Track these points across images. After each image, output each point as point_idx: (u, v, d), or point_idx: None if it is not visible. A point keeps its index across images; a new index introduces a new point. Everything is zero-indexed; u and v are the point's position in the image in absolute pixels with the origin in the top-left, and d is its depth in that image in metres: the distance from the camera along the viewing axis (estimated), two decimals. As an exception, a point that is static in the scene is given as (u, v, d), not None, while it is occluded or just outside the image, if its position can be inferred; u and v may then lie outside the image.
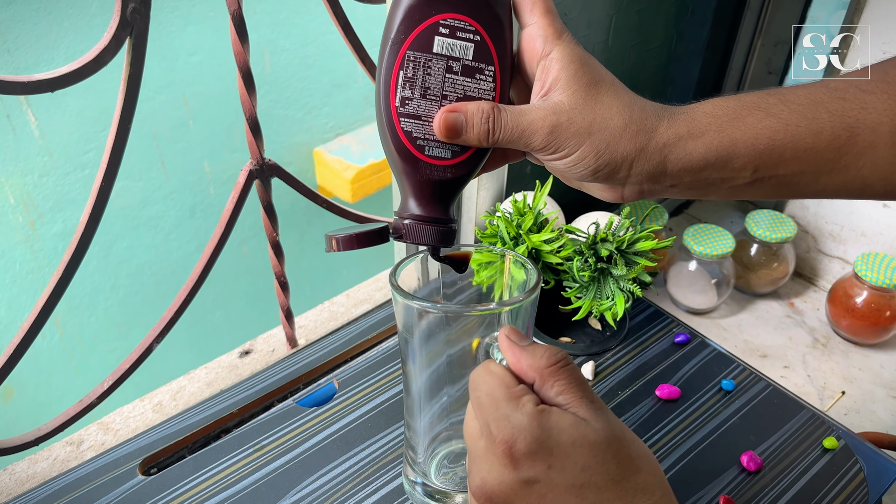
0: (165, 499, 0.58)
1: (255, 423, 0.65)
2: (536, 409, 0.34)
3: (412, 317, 0.46)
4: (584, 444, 0.33)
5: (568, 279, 0.72)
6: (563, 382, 0.35)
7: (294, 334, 0.85)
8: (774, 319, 0.97)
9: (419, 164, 0.42)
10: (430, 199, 0.43)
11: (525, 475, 0.33)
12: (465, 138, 0.41)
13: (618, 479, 0.33)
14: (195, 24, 1.60)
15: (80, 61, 0.55)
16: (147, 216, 1.78)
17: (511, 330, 0.39)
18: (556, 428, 0.33)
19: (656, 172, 0.40)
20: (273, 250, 0.77)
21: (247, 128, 0.68)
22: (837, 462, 0.62)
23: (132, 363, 0.71)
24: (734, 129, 0.39)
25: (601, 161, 0.40)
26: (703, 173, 0.40)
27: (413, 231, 0.43)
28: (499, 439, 0.34)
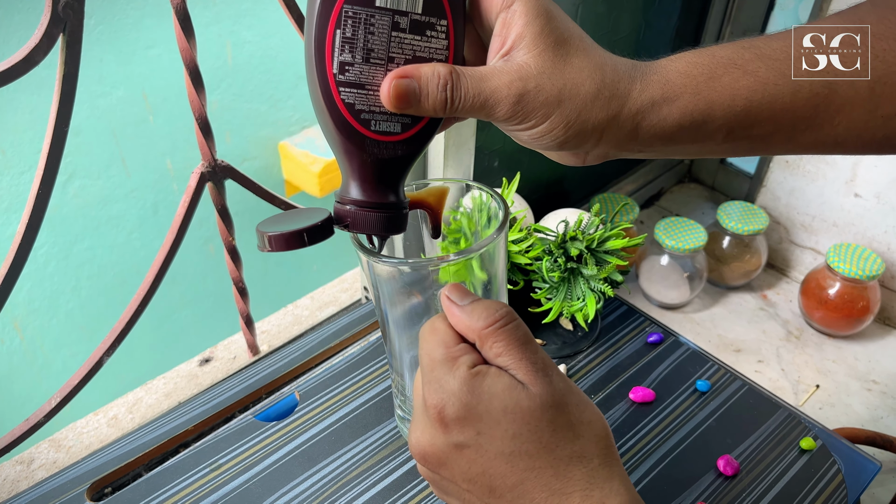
0: (116, 525, 0.55)
1: (211, 439, 0.62)
2: (470, 372, 0.33)
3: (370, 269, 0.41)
4: (517, 410, 0.32)
5: (538, 280, 0.70)
6: (501, 344, 0.34)
7: (255, 341, 0.82)
8: (748, 312, 0.95)
9: (365, 142, 0.36)
10: (379, 182, 0.37)
11: (455, 440, 0.33)
12: (420, 108, 0.35)
13: (551, 446, 0.32)
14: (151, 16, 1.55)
15: (9, 62, 0.51)
16: (108, 215, 1.73)
17: (452, 288, 0.36)
18: (488, 393, 0.33)
19: (626, 139, 0.37)
20: (230, 255, 0.73)
21: (196, 128, 0.65)
22: (815, 463, 0.61)
23: (81, 378, 0.67)
24: (710, 91, 0.36)
25: (570, 132, 0.36)
26: (675, 137, 0.37)
27: (360, 219, 0.37)
28: (430, 403, 0.33)
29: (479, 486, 0.33)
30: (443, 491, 0.36)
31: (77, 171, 1.64)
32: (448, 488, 0.35)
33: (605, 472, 0.33)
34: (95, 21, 1.55)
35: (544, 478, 0.32)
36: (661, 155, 0.40)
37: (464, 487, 0.34)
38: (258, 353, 0.83)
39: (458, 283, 0.36)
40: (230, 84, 1.83)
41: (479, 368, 0.33)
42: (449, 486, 0.35)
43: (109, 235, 1.73)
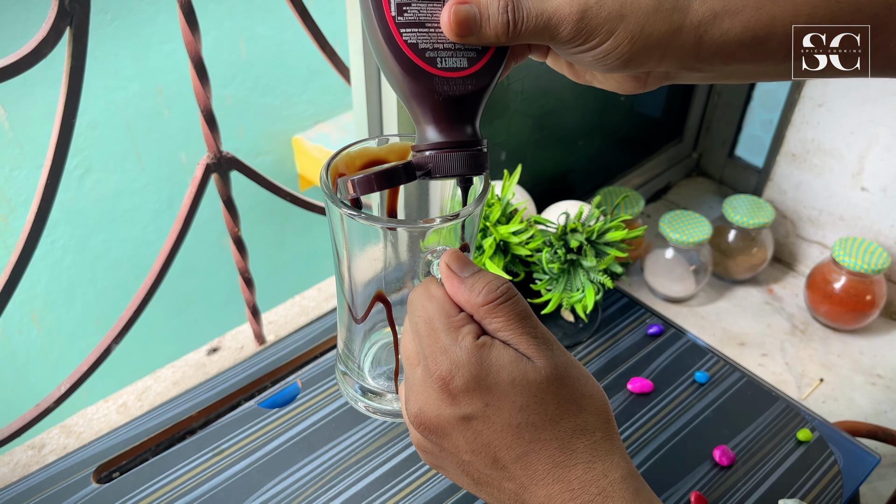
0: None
1: (215, 425, 0.63)
2: (476, 343, 0.33)
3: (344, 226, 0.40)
4: (523, 383, 0.32)
5: (538, 271, 0.70)
6: (501, 320, 0.34)
7: (262, 331, 0.83)
8: (753, 306, 0.95)
9: (434, 81, 0.35)
10: (454, 121, 0.36)
11: (463, 411, 0.33)
12: (482, 35, 0.34)
13: (556, 419, 0.33)
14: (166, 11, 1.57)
15: (18, 54, 0.52)
16: (123, 209, 1.75)
17: (452, 256, 0.36)
18: (496, 365, 0.33)
19: (689, 56, 0.35)
20: (236, 246, 0.75)
21: (202, 120, 0.66)
22: (811, 454, 0.61)
23: (90, 365, 0.69)
24: (773, 4, 0.35)
25: (636, 47, 0.34)
26: (736, 55, 0.36)
27: (441, 162, 0.36)
28: (436, 374, 0.33)
29: (482, 458, 0.33)
30: (437, 462, 0.36)
31: (93, 165, 1.66)
32: (446, 460, 0.35)
33: (607, 446, 0.33)
34: (111, 17, 1.57)
35: (549, 450, 0.32)
36: (719, 76, 0.38)
37: (465, 459, 0.34)
38: (265, 342, 0.84)
39: (459, 252, 0.36)
40: (244, 79, 1.85)
41: (484, 339, 0.33)
42: (447, 459, 0.35)
43: (124, 228, 1.76)
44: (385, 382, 0.46)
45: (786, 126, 0.96)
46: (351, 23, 0.69)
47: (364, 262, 0.40)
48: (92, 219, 1.71)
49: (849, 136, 0.90)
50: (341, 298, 0.44)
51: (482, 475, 0.34)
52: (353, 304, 0.43)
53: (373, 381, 0.46)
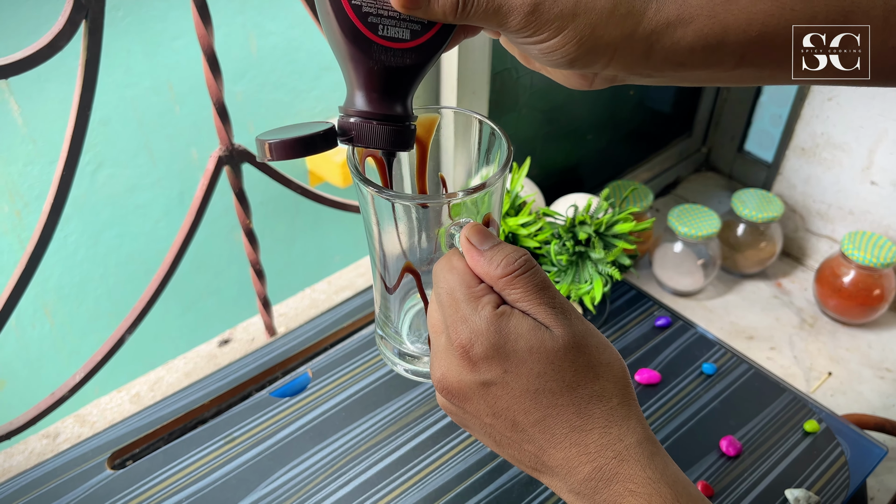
0: (134, 493, 0.57)
1: (227, 414, 0.64)
2: (495, 312, 0.34)
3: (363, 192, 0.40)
4: (541, 350, 0.33)
5: (546, 263, 0.71)
6: (519, 291, 0.35)
7: (272, 322, 0.84)
8: (761, 300, 0.96)
9: (372, 48, 0.34)
10: (385, 92, 0.35)
11: (482, 377, 0.34)
12: (429, 10, 0.34)
13: (573, 385, 0.34)
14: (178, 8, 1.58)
15: (34, 47, 0.53)
16: (135, 204, 1.77)
17: (473, 230, 0.36)
18: (514, 333, 0.34)
19: (638, 62, 0.35)
20: (247, 238, 0.75)
21: (214, 113, 0.67)
22: (818, 445, 0.61)
23: (104, 355, 0.70)
24: (727, 14, 0.35)
25: (583, 48, 0.34)
26: (687, 62, 0.36)
27: (365, 132, 0.35)
28: (456, 342, 0.34)
29: (502, 421, 0.34)
30: (464, 423, 0.37)
31: (105, 161, 1.68)
32: (469, 421, 0.37)
33: (623, 411, 0.34)
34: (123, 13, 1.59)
35: (566, 415, 0.33)
36: (668, 81, 0.38)
37: (487, 422, 0.35)
38: (275, 334, 0.85)
39: (479, 226, 0.36)
40: (254, 75, 1.86)
41: (503, 308, 0.34)
42: (471, 420, 0.36)
43: (137, 223, 1.77)
44: (422, 346, 0.47)
45: (795, 120, 0.96)
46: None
47: (393, 235, 0.40)
48: (104, 214, 1.73)
49: (858, 130, 0.90)
50: (375, 270, 0.45)
51: (503, 437, 0.35)
52: (385, 275, 0.43)
53: (411, 345, 0.47)
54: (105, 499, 0.57)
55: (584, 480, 0.33)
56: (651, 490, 0.32)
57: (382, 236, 0.41)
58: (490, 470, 0.58)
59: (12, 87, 1.57)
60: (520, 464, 0.36)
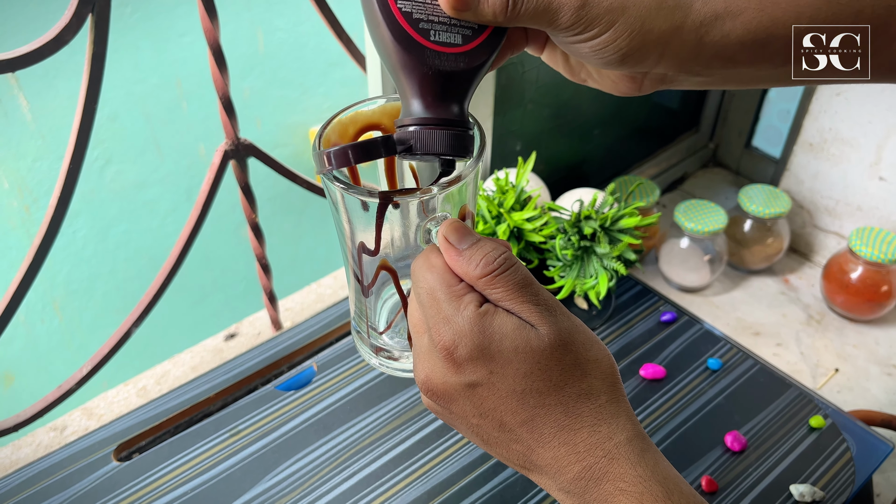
0: (140, 484, 0.57)
1: (233, 407, 0.64)
2: (478, 312, 0.33)
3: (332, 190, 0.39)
4: (527, 350, 0.33)
5: (551, 258, 0.71)
6: (500, 290, 0.34)
7: (278, 317, 0.84)
8: (768, 296, 0.95)
9: (425, 53, 0.34)
10: (441, 98, 0.35)
11: (467, 379, 0.33)
12: (479, 12, 0.34)
13: (560, 384, 0.33)
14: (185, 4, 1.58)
15: (40, 41, 0.54)
16: (143, 200, 1.77)
17: (450, 228, 0.35)
18: (499, 333, 0.33)
19: (688, 58, 0.35)
20: (253, 232, 0.76)
21: (220, 107, 0.67)
22: (823, 441, 0.61)
23: (111, 349, 0.70)
24: (774, 7, 0.34)
25: (635, 42, 0.34)
26: (736, 58, 0.35)
27: (424, 138, 0.34)
28: (440, 344, 0.33)
29: (489, 421, 0.34)
30: (450, 422, 0.37)
31: (113, 157, 1.68)
32: (456, 421, 0.36)
33: (612, 409, 0.34)
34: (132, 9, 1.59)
35: (554, 414, 0.33)
36: (717, 81, 0.38)
37: (473, 422, 0.35)
38: (281, 328, 0.85)
39: (457, 223, 0.35)
40: (261, 71, 1.86)
41: (486, 307, 0.33)
42: (457, 420, 0.36)
43: (144, 219, 1.78)
44: (399, 340, 0.46)
45: (803, 115, 0.96)
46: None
47: (366, 234, 0.39)
48: (112, 210, 1.74)
49: (867, 126, 0.90)
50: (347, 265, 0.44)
51: (490, 437, 0.35)
52: (359, 273, 0.42)
53: (387, 339, 0.46)
54: (111, 490, 0.57)
55: (573, 479, 0.33)
56: (642, 488, 0.32)
57: (354, 234, 0.40)
58: (495, 463, 0.58)
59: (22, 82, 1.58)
60: (509, 462, 0.36)
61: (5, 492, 0.58)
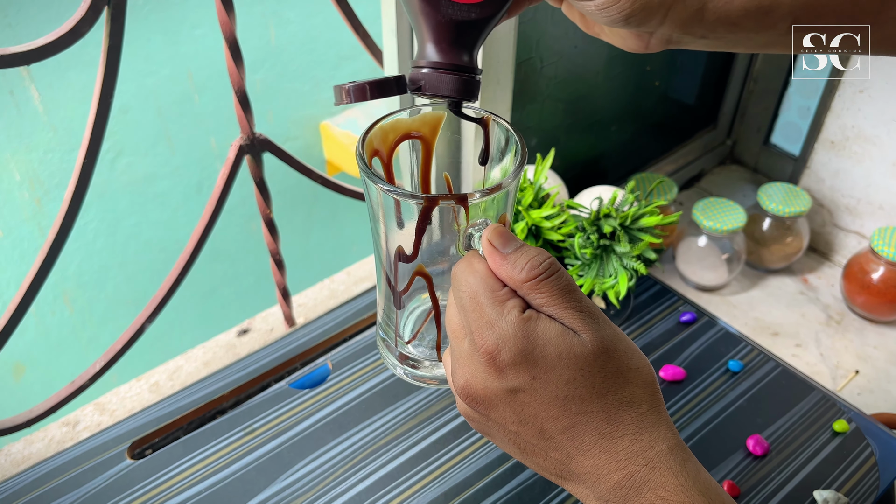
0: (153, 483, 0.57)
1: (247, 405, 0.63)
2: (521, 317, 0.33)
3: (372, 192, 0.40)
4: (570, 356, 0.33)
5: (569, 256, 0.70)
6: (544, 295, 0.34)
7: (292, 313, 0.84)
8: (787, 296, 0.94)
9: (440, 3, 0.37)
10: (452, 45, 0.38)
11: (509, 384, 0.33)
12: None
13: (602, 391, 0.33)
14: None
15: (56, 33, 0.53)
16: (154, 192, 1.77)
17: (495, 232, 0.35)
18: (542, 339, 0.33)
19: (692, 19, 0.35)
20: (267, 228, 0.75)
21: (235, 101, 0.66)
22: (847, 445, 0.60)
23: (124, 344, 0.70)
24: None
25: (637, 5, 0.34)
26: (740, 23, 0.35)
27: (433, 80, 0.37)
28: (482, 348, 0.33)
29: (529, 428, 0.34)
30: (486, 430, 0.37)
31: (125, 149, 1.68)
32: (493, 429, 0.36)
33: (654, 418, 0.33)
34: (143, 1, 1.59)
35: (596, 422, 0.33)
36: (723, 44, 0.38)
37: (512, 429, 0.34)
38: (294, 324, 0.85)
39: (501, 228, 0.36)
40: (273, 64, 1.85)
41: (529, 313, 0.33)
42: (494, 427, 0.35)
43: (155, 212, 1.78)
44: (424, 350, 0.46)
45: (824, 113, 0.94)
46: (384, 4, 0.68)
47: (402, 237, 0.40)
48: (123, 202, 1.73)
49: (890, 123, 0.88)
50: (380, 270, 0.44)
51: (528, 445, 0.34)
52: (393, 278, 0.43)
53: (412, 348, 0.46)
54: (125, 489, 0.57)
55: (613, 488, 0.32)
56: (684, 497, 0.32)
57: (389, 237, 0.41)
58: (513, 465, 0.57)
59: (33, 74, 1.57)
60: (544, 471, 0.35)
61: (19, 489, 0.57)
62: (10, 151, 1.59)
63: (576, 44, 0.82)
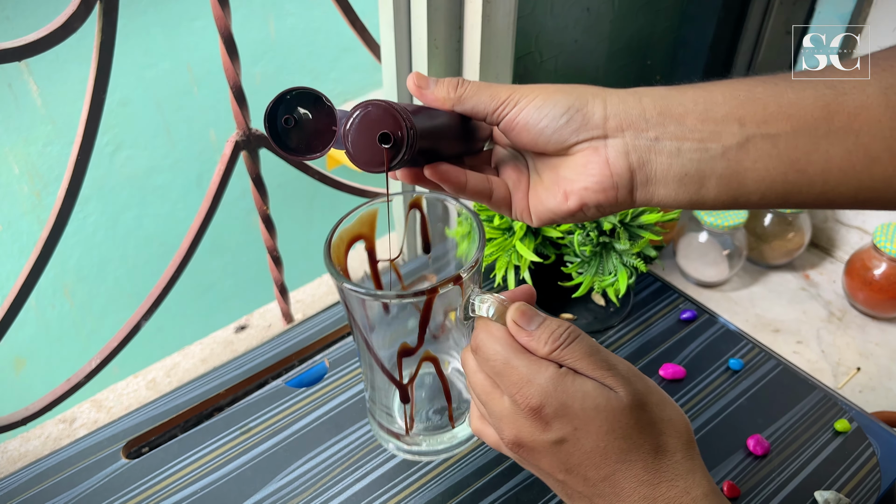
0: (149, 483, 0.56)
1: (243, 403, 0.63)
2: (559, 372, 0.36)
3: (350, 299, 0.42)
4: (607, 409, 0.35)
5: (569, 254, 0.69)
6: (570, 360, 0.36)
7: (289, 309, 0.83)
8: (788, 292, 0.93)
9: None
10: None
11: (555, 436, 0.35)
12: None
13: (640, 442, 0.35)
14: (196, -12, 1.57)
15: (47, 28, 0.52)
16: (154, 185, 1.76)
17: (517, 312, 0.38)
18: (580, 392, 0.35)
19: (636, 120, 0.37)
20: (264, 224, 0.74)
21: (231, 97, 0.65)
22: (849, 445, 0.59)
23: (120, 341, 0.69)
24: (712, 87, 0.37)
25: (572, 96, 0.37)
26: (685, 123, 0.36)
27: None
28: (526, 405, 0.35)
29: (574, 477, 0.36)
30: (539, 475, 0.39)
31: (124, 142, 1.67)
32: (544, 476, 0.38)
33: (688, 465, 0.36)
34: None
35: (634, 469, 0.35)
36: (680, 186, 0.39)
37: (560, 478, 0.37)
38: (292, 321, 0.84)
39: (524, 306, 0.38)
40: (272, 57, 1.84)
41: (565, 370, 0.36)
42: (544, 475, 0.38)
43: (155, 205, 1.77)
44: (418, 424, 0.48)
45: (827, 107, 0.93)
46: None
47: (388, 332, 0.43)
48: (123, 195, 1.73)
49: (894, 118, 0.87)
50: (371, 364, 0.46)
51: (575, 492, 0.37)
52: (398, 375, 0.44)
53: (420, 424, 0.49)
54: (120, 489, 0.56)
55: None
56: None
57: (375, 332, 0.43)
58: (510, 465, 0.57)
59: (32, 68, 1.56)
60: None
61: (14, 488, 0.57)
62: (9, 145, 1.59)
63: (576, 38, 0.81)
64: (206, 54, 1.67)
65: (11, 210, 1.61)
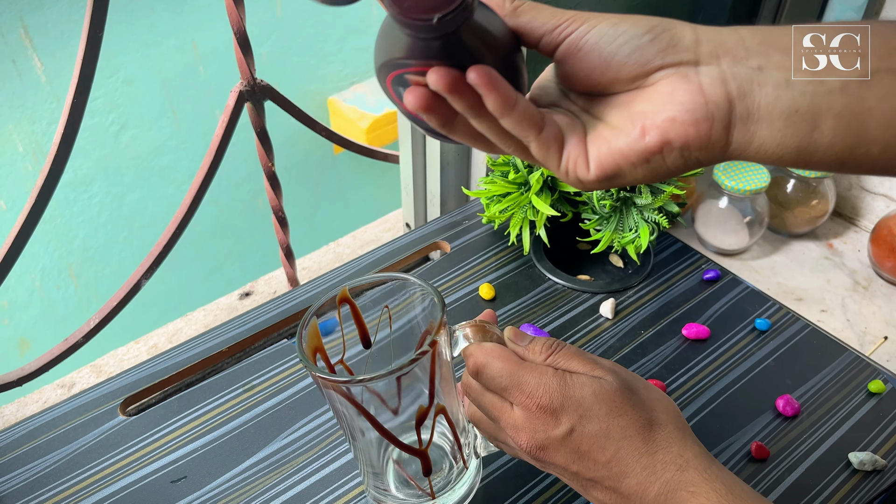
0: (147, 440, 0.54)
1: (247, 361, 0.60)
2: (558, 372, 0.40)
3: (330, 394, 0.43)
4: (603, 395, 0.39)
5: (587, 211, 0.66)
6: (563, 362, 0.41)
7: (295, 274, 0.81)
8: (811, 261, 0.90)
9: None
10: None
11: (565, 428, 0.39)
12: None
13: (635, 418, 0.39)
14: (202, -37, 1.54)
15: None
16: (159, 166, 1.74)
17: (512, 333, 0.43)
18: (578, 385, 0.39)
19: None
20: (269, 182, 0.72)
21: (235, 44, 0.62)
22: (884, 407, 0.56)
23: (119, 301, 0.67)
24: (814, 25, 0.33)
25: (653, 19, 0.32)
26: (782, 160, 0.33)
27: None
28: (536, 405, 0.39)
29: (585, 463, 0.39)
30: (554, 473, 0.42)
31: (129, 122, 1.65)
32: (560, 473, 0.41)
33: (680, 434, 0.39)
34: (148, -32, 1.55)
35: (634, 443, 0.38)
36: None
37: (573, 470, 0.39)
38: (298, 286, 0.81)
39: (515, 329, 0.44)
40: (279, 37, 1.82)
41: (562, 371, 0.40)
42: (559, 471, 0.41)
43: (160, 186, 1.75)
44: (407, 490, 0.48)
45: (853, 70, 0.90)
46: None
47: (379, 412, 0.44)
48: (128, 176, 1.70)
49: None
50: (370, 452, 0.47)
51: (587, 481, 0.40)
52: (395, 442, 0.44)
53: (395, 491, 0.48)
54: (117, 445, 0.54)
55: (654, 499, 0.37)
56: (707, 487, 0.37)
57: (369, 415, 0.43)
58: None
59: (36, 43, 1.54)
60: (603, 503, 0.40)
61: (8, 443, 0.54)
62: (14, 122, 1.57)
63: (593, -8, 0.78)
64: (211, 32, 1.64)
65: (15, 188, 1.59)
